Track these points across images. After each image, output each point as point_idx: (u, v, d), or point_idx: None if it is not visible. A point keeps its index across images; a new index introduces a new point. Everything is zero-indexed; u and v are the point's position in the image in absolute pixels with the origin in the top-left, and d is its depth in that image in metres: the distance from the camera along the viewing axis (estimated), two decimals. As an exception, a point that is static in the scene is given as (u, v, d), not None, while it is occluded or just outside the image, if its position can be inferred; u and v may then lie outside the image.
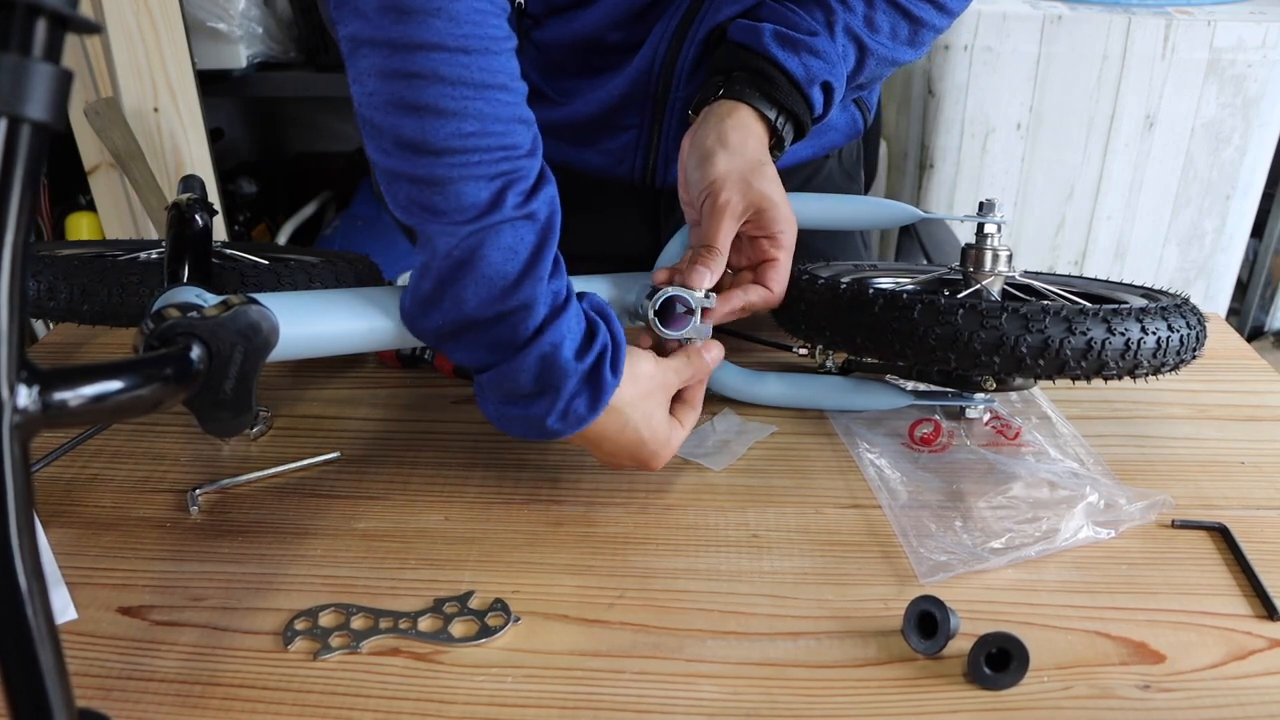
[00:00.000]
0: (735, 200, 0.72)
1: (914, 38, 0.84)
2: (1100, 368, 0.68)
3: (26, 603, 0.39)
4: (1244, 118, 1.82)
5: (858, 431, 0.79)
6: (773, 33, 0.76)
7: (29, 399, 0.39)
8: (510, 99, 0.58)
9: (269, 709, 0.54)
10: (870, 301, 0.72)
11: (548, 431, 0.63)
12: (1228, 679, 0.55)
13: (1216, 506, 0.71)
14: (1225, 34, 1.74)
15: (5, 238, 0.37)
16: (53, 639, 0.40)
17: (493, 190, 0.58)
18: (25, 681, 0.40)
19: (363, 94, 0.58)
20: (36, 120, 0.37)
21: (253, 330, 0.55)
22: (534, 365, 0.60)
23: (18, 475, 0.38)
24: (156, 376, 0.49)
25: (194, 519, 0.70)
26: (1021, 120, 1.84)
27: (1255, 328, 2.42)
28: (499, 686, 0.55)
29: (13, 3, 0.36)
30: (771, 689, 0.55)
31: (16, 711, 0.40)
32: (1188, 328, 0.71)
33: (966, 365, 0.69)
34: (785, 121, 0.78)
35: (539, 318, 0.60)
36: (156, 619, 0.61)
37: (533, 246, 0.60)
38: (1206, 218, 1.92)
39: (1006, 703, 0.54)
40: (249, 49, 2.10)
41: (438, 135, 0.56)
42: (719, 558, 0.66)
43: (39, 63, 0.37)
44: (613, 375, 0.62)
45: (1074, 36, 1.75)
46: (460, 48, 0.55)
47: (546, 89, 0.90)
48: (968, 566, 0.63)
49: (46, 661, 0.40)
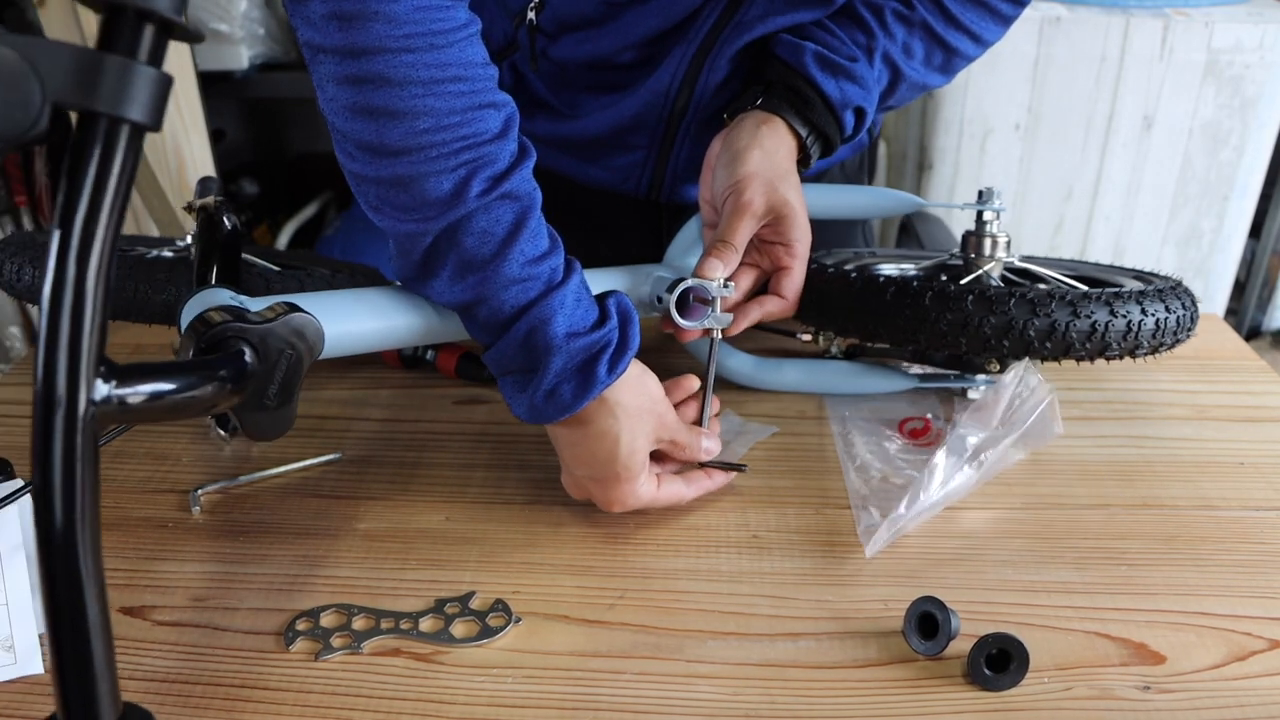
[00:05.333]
0: (758, 201, 0.73)
1: (947, 65, 0.85)
2: (1103, 349, 0.71)
3: (87, 596, 0.40)
4: (1242, 119, 1.82)
5: (851, 422, 0.81)
6: (814, 54, 0.77)
7: (104, 393, 0.40)
8: (466, 88, 0.58)
9: (270, 709, 0.54)
10: (882, 289, 0.74)
11: (536, 411, 0.63)
12: (1228, 680, 0.55)
13: (1216, 507, 0.71)
14: (1223, 35, 1.75)
15: (97, 234, 0.38)
16: (106, 633, 0.41)
17: (456, 180, 0.58)
18: (77, 672, 0.41)
19: (324, 100, 0.58)
20: (136, 121, 0.38)
21: (300, 335, 0.56)
22: (523, 340, 0.61)
23: (88, 468, 0.39)
24: (213, 378, 0.50)
25: (196, 519, 0.70)
26: (1020, 121, 1.84)
27: (1253, 328, 2.43)
28: (499, 687, 0.55)
29: (124, 7, 0.36)
30: (771, 690, 0.55)
31: (66, 701, 0.41)
32: (1183, 309, 0.74)
33: (977, 349, 0.72)
34: (815, 140, 0.79)
35: (530, 293, 0.61)
36: (158, 619, 0.61)
37: (509, 227, 0.60)
38: (1204, 218, 1.93)
39: (1007, 704, 0.54)
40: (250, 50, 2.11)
41: (393, 136, 0.56)
42: (719, 558, 0.66)
43: (143, 66, 0.37)
44: (607, 373, 0.62)
45: (1072, 38, 1.76)
46: (403, 48, 0.55)
47: (555, 102, 0.90)
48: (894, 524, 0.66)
49: (99, 655, 0.41)
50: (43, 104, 0.35)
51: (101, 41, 0.37)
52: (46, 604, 0.40)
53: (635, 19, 0.79)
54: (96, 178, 0.38)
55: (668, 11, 0.77)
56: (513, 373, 0.64)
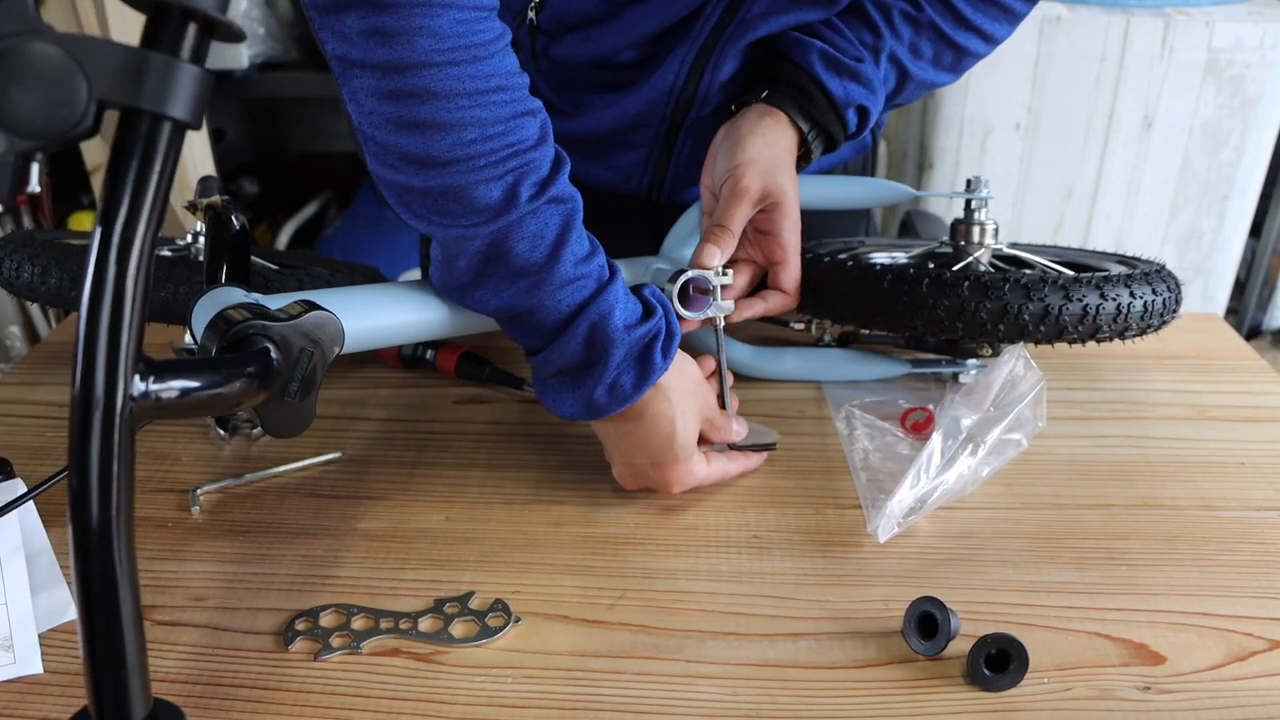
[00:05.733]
0: (755, 186, 0.75)
1: (956, 64, 0.86)
2: (1094, 331, 0.73)
3: (121, 593, 0.41)
4: (1242, 118, 1.82)
5: (854, 416, 0.82)
6: (820, 52, 0.78)
7: (142, 389, 0.41)
8: (508, 98, 0.58)
9: (269, 709, 0.54)
10: (879, 277, 0.76)
11: (595, 407, 0.64)
12: (1228, 680, 0.55)
13: (1217, 507, 0.71)
14: (1223, 34, 1.74)
15: (138, 230, 0.38)
16: (138, 629, 0.42)
17: (505, 187, 0.59)
18: (109, 667, 0.41)
19: (361, 113, 0.58)
20: (178, 119, 0.38)
21: (321, 332, 0.56)
22: (584, 336, 0.62)
23: (124, 465, 0.40)
24: (241, 375, 0.50)
25: (195, 519, 0.70)
26: (1020, 120, 1.84)
27: (1253, 327, 2.43)
28: (499, 687, 0.55)
29: (169, 5, 0.36)
30: (771, 690, 0.55)
31: (98, 695, 0.41)
32: (1168, 291, 0.76)
33: (973, 333, 0.73)
34: (817, 136, 0.81)
35: (585, 292, 0.62)
36: (158, 619, 0.61)
37: (558, 229, 0.61)
38: (1204, 218, 1.93)
39: (1006, 704, 0.54)
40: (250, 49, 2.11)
41: (440, 148, 0.57)
42: (719, 558, 0.66)
43: (186, 64, 0.38)
44: (663, 358, 0.64)
45: (1072, 37, 1.75)
46: (449, 61, 0.55)
47: (557, 101, 0.90)
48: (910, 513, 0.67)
49: (131, 650, 0.42)
50: (89, 102, 0.35)
51: (146, 39, 0.38)
52: (80, 600, 0.40)
53: (636, 18, 0.79)
54: (138, 175, 0.38)
55: (668, 10, 0.77)
56: (565, 372, 0.65)
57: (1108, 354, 0.92)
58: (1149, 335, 0.77)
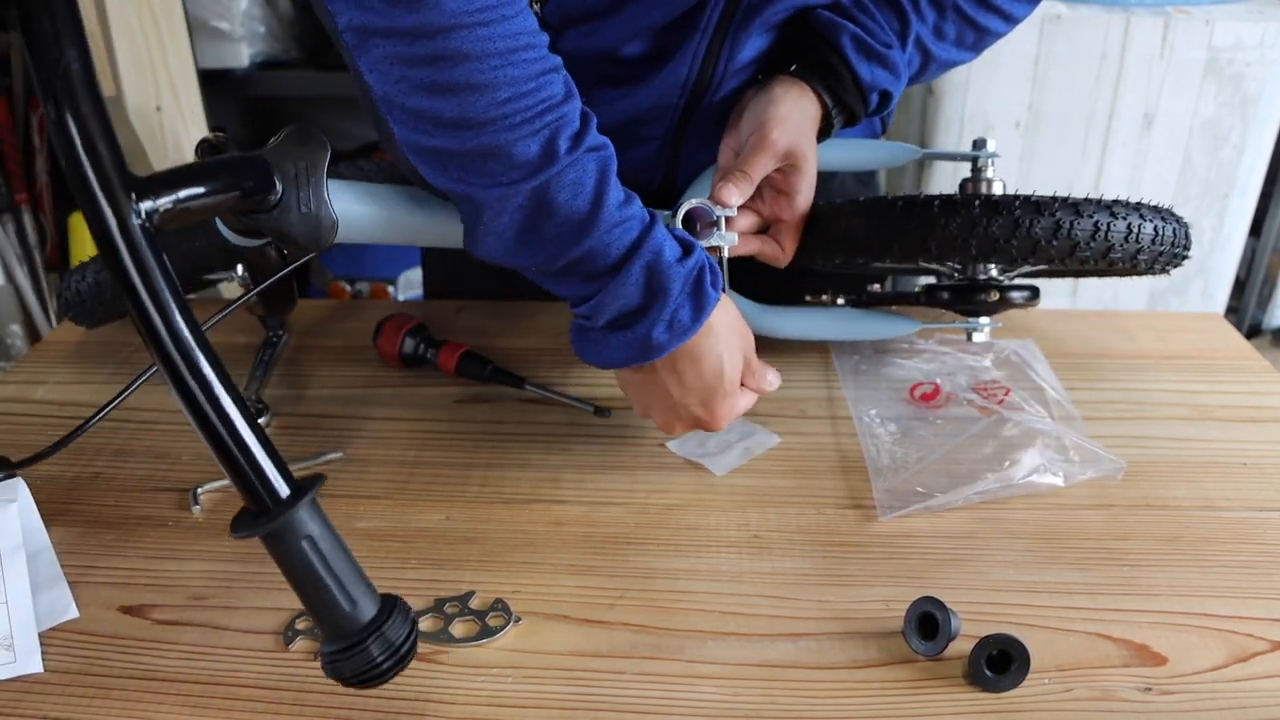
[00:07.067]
0: (782, 142, 0.76)
1: (977, 44, 0.88)
2: (1107, 250, 0.73)
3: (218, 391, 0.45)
4: (1242, 117, 1.82)
5: (861, 387, 0.83)
6: (852, 36, 0.80)
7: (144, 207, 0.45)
8: (535, 55, 0.59)
9: (270, 708, 0.54)
10: (890, 204, 0.77)
11: (653, 347, 0.64)
12: (1229, 681, 0.55)
13: (1219, 508, 0.71)
14: (1223, 33, 1.74)
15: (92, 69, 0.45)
16: (253, 422, 0.47)
17: (542, 141, 0.59)
18: (243, 457, 0.46)
19: (386, 83, 0.58)
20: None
21: (303, 137, 0.60)
22: (640, 275, 0.63)
23: (160, 264, 0.44)
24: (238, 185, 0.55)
25: (196, 518, 0.70)
26: (1020, 119, 1.84)
27: (1253, 326, 2.43)
28: (499, 687, 0.55)
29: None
30: (772, 690, 0.55)
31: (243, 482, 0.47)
32: (1178, 225, 0.77)
33: (986, 252, 0.73)
34: (840, 113, 0.82)
35: (633, 233, 0.63)
36: (158, 618, 0.61)
37: (597, 176, 0.62)
38: (1204, 216, 1.92)
39: (1007, 705, 0.54)
40: (251, 48, 2.10)
41: (476, 109, 0.57)
42: (720, 558, 0.66)
43: None
44: (713, 288, 0.65)
45: (1072, 35, 1.75)
46: (478, 22, 0.56)
47: None
48: (924, 503, 0.68)
49: (253, 442, 0.47)
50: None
51: None
52: (190, 413, 0.45)
53: (640, 10, 0.79)
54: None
55: (672, 2, 0.77)
56: (621, 316, 0.65)
57: (1110, 353, 0.92)
58: (1161, 270, 0.78)
